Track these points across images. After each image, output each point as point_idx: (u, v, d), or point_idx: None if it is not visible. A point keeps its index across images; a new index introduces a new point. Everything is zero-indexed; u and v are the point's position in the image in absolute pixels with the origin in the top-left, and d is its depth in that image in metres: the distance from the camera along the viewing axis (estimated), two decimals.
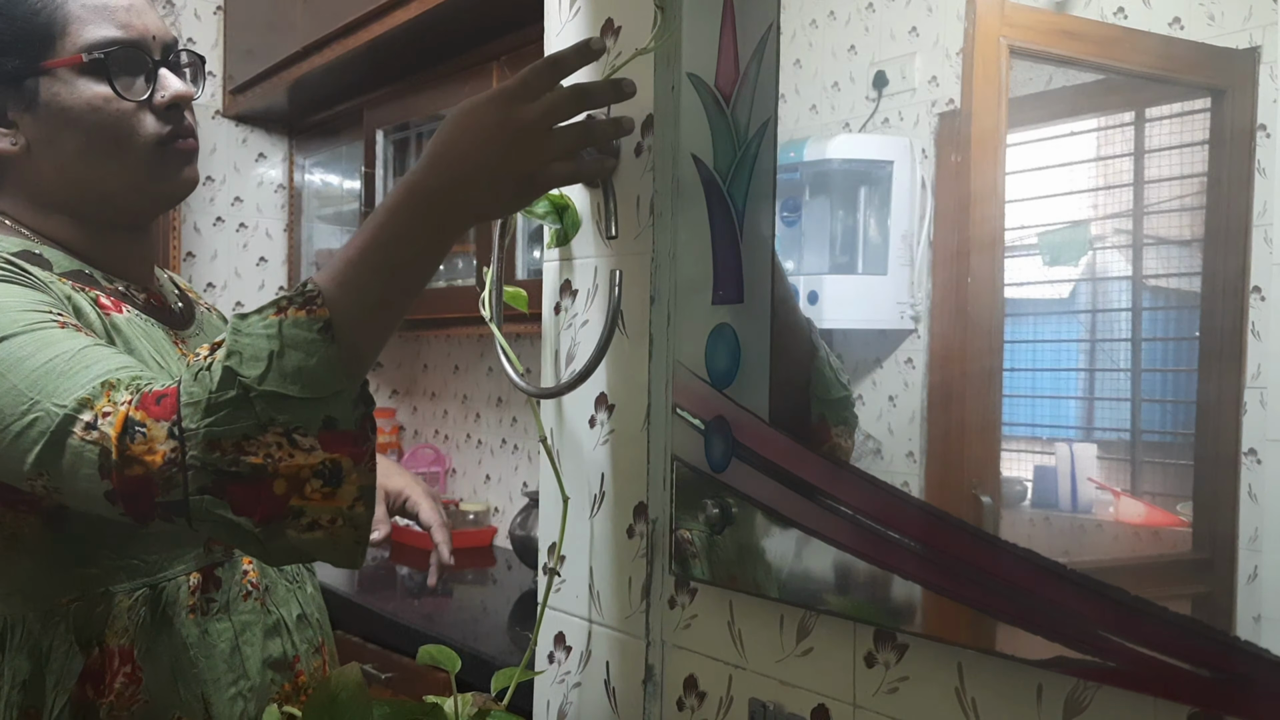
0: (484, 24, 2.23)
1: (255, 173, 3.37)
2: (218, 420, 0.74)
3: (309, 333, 0.75)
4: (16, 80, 0.95)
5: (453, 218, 0.80)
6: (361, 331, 0.78)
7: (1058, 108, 0.70)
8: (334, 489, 0.75)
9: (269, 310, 0.77)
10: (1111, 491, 0.67)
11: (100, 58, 0.94)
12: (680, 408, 0.94)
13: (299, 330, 0.75)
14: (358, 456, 0.76)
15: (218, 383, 0.74)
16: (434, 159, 0.80)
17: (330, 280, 0.78)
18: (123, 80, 0.96)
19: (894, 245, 0.81)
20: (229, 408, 0.74)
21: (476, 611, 2.22)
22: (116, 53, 0.95)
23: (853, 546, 0.79)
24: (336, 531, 0.76)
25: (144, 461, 0.75)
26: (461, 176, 0.79)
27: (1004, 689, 0.71)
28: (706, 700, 0.94)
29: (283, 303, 0.77)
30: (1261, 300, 0.58)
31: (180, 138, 0.99)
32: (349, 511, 0.76)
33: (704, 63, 0.92)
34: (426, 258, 0.81)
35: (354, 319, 0.78)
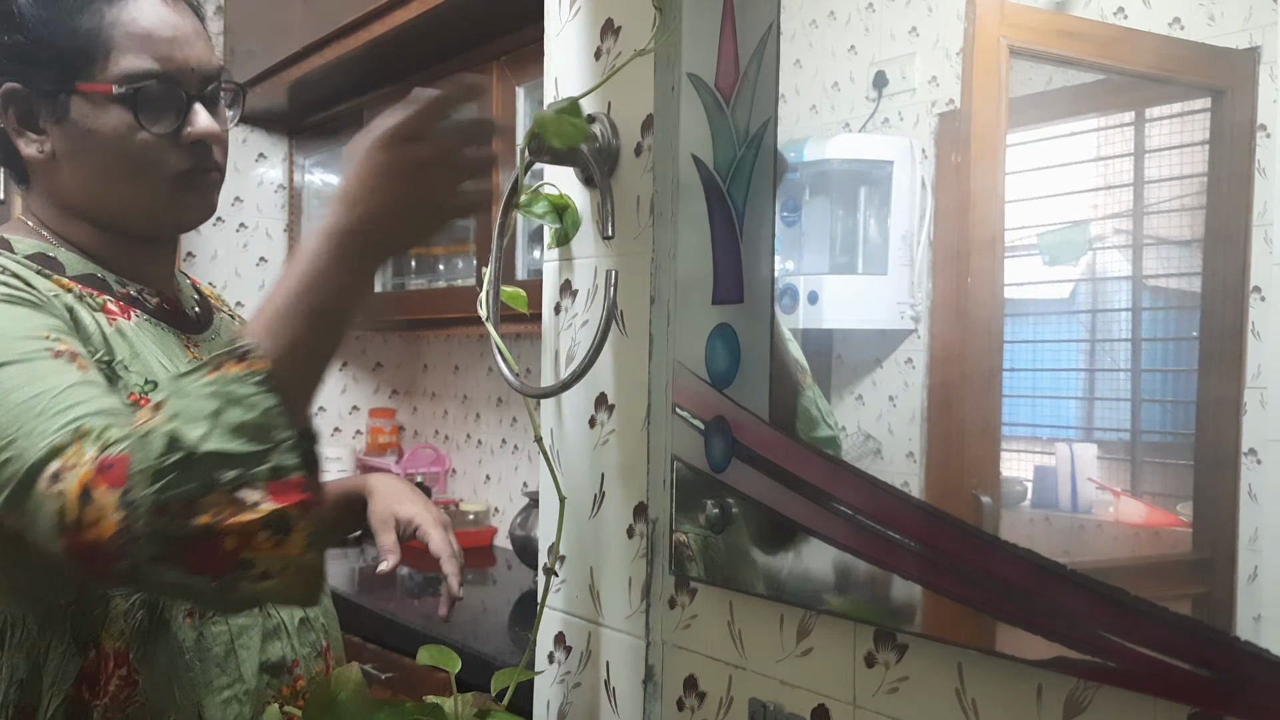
0: (484, 24, 2.23)
1: (255, 173, 3.37)
2: (164, 486, 0.74)
3: (248, 386, 0.76)
4: (51, 93, 0.95)
5: (369, 255, 0.82)
6: (298, 376, 0.80)
7: (1058, 108, 0.70)
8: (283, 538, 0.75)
9: (206, 369, 0.77)
10: (1112, 491, 0.67)
11: (130, 92, 0.94)
12: (680, 408, 0.94)
13: (237, 385, 0.76)
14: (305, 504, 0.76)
15: (162, 449, 0.74)
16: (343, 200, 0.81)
17: (262, 331, 0.79)
18: (151, 113, 0.95)
19: (894, 245, 0.81)
20: (174, 471, 0.74)
21: (476, 611, 2.21)
22: (149, 86, 0.95)
23: (853, 546, 0.79)
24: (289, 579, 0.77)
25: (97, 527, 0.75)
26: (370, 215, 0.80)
27: (1004, 689, 0.71)
28: (706, 700, 0.94)
29: (219, 359, 0.77)
30: (1261, 300, 0.58)
31: (202, 172, 0.99)
32: (299, 559, 0.77)
33: (704, 63, 0.92)
34: (349, 295, 0.82)
35: (289, 366, 0.79)
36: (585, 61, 1.06)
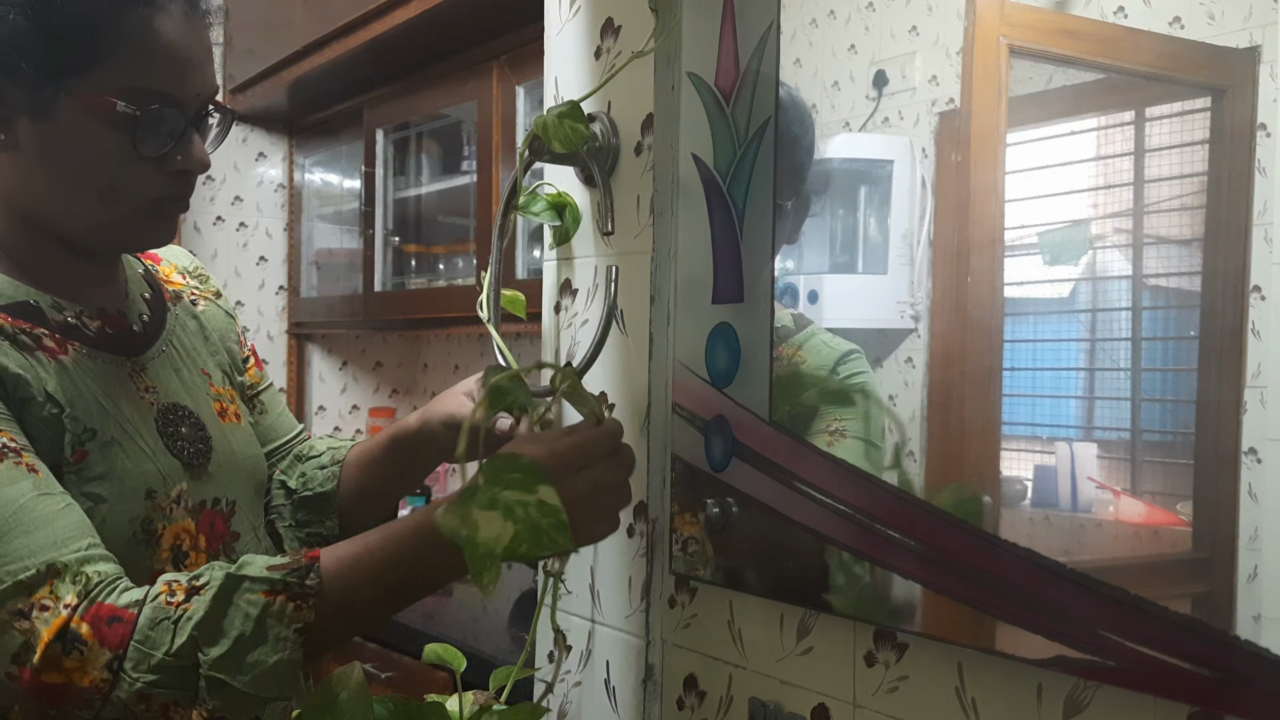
0: (484, 24, 2.24)
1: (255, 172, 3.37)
2: (159, 681, 0.73)
3: (286, 630, 0.74)
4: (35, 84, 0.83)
5: None
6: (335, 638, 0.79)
7: (1058, 107, 0.70)
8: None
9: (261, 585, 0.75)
10: (1112, 491, 0.67)
11: (134, 113, 0.85)
12: (680, 407, 0.94)
13: (277, 625, 0.74)
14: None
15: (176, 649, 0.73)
16: None
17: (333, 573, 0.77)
18: (146, 136, 0.86)
19: (894, 244, 0.81)
20: (175, 673, 0.73)
21: (476, 611, 2.22)
22: (152, 111, 0.85)
23: (853, 546, 0.79)
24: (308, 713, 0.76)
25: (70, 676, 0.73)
26: None
27: (1004, 688, 0.71)
28: (706, 699, 0.94)
29: (279, 584, 0.75)
30: (1261, 299, 0.58)
31: (176, 201, 0.92)
32: None
33: (704, 62, 0.92)
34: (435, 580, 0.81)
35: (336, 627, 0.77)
36: (585, 61, 1.06)
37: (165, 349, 0.99)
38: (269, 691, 0.75)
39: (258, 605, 0.75)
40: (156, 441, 0.92)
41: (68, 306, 0.91)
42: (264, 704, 0.75)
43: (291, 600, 0.75)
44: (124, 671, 0.73)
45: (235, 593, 0.75)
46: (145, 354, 0.97)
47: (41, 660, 0.73)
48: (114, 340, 0.94)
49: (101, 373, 0.90)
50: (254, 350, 1.17)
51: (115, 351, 0.93)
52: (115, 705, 0.73)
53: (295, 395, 3.45)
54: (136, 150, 0.86)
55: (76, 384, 0.87)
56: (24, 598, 0.74)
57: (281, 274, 3.40)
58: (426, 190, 2.81)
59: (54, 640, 0.73)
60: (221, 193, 3.35)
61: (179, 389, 0.98)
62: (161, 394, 0.96)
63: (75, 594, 0.74)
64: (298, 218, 3.39)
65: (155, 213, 0.91)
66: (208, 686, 0.73)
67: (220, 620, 0.74)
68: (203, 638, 0.74)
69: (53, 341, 0.88)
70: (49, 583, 0.74)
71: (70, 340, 0.89)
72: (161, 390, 0.96)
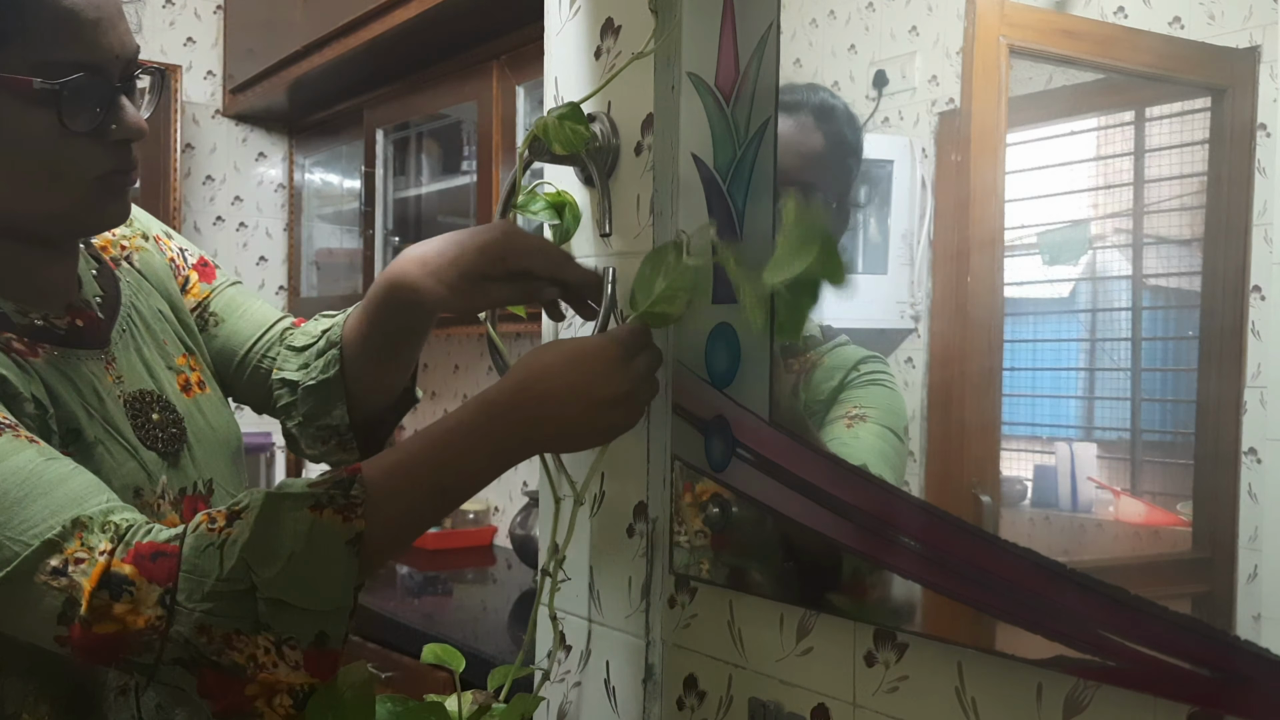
0: (484, 24, 2.24)
1: (255, 172, 3.37)
2: (216, 608, 0.71)
3: (337, 543, 0.73)
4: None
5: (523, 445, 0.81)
6: (390, 545, 0.77)
7: (1058, 107, 0.70)
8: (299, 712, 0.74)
9: (305, 502, 0.73)
10: (1112, 491, 0.67)
11: (55, 88, 0.80)
12: (680, 407, 0.94)
13: (328, 539, 0.72)
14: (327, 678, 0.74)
15: (229, 571, 0.71)
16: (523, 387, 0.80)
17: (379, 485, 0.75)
18: (73, 109, 0.82)
19: (894, 244, 0.81)
20: (231, 599, 0.71)
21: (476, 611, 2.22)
22: (75, 80, 0.81)
23: (853, 546, 0.79)
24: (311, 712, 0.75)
25: (122, 621, 0.71)
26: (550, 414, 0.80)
27: (1004, 688, 0.71)
28: (706, 700, 0.94)
29: (323, 498, 0.74)
30: (1261, 299, 0.58)
31: (122, 173, 0.88)
32: None
33: (704, 62, 0.92)
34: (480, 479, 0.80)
35: (387, 534, 0.76)
36: (585, 61, 1.06)
37: (125, 327, 0.96)
38: (330, 606, 0.73)
39: (305, 522, 0.72)
40: (133, 435, 0.90)
41: (33, 310, 0.88)
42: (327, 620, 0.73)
43: (339, 513, 0.73)
44: (179, 605, 0.70)
45: (280, 511, 0.73)
46: (111, 340, 0.94)
47: (89, 611, 0.70)
48: (85, 334, 0.91)
49: (78, 371, 0.88)
50: (200, 262, 1.10)
51: (88, 345, 0.91)
52: (175, 643, 0.71)
53: None
54: (66, 126, 0.82)
55: (54, 386, 0.85)
56: (56, 555, 0.71)
57: (281, 274, 3.40)
58: (426, 190, 2.81)
59: (98, 589, 0.70)
60: (221, 193, 3.34)
61: (142, 372, 0.95)
62: (128, 382, 0.93)
63: (109, 540, 0.72)
64: (298, 218, 3.39)
65: (104, 190, 0.87)
66: (268, 609, 0.71)
67: (270, 541, 0.72)
68: (254, 559, 0.71)
69: (22, 345, 0.85)
70: (78, 536, 0.72)
71: (40, 343, 0.87)
72: (127, 377, 0.93)
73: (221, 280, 1.10)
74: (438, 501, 0.80)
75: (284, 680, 0.72)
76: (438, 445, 0.79)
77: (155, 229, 1.08)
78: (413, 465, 0.78)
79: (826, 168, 0.86)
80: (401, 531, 0.78)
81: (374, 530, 0.74)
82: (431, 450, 0.79)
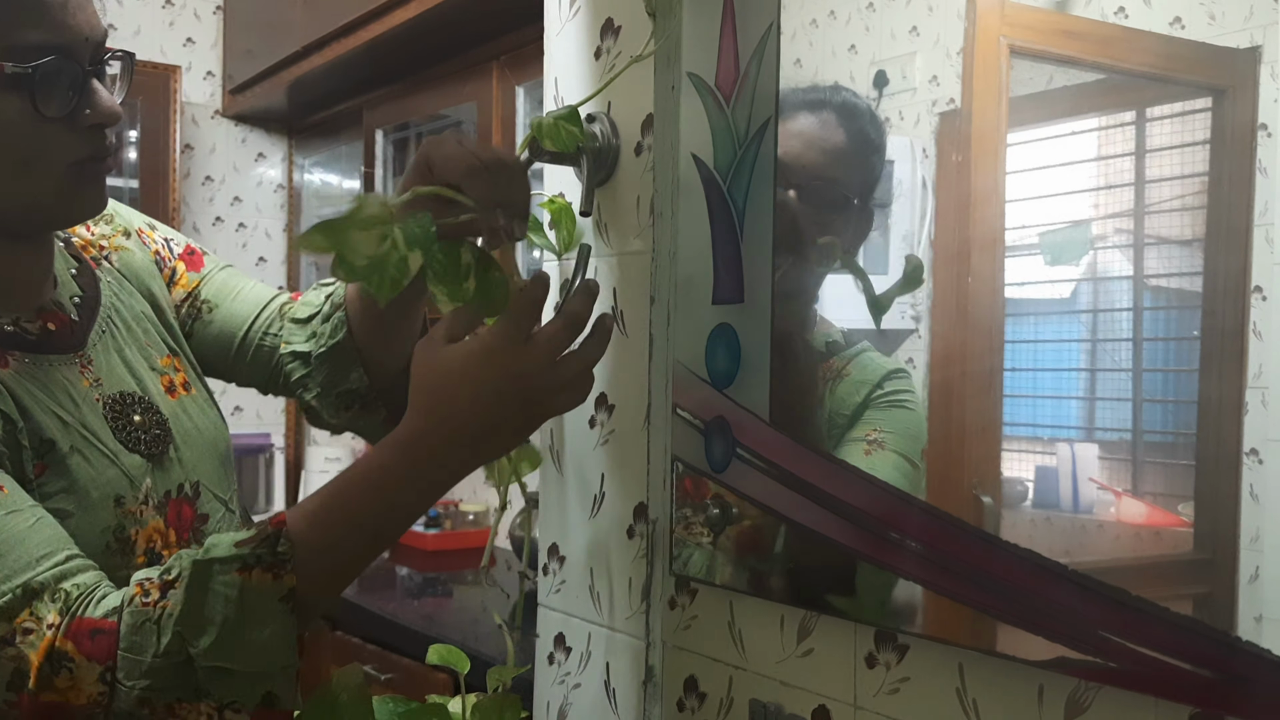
0: (484, 24, 2.24)
1: (254, 172, 3.37)
2: (155, 683, 0.71)
3: (270, 602, 0.72)
4: None
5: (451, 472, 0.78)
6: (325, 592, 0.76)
7: (1058, 107, 0.70)
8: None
9: (233, 565, 0.73)
10: (1113, 492, 0.67)
11: (26, 71, 0.79)
12: (680, 408, 0.94)
13: (260, 599, 0.72)
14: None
15: (165, 646, 0.71)
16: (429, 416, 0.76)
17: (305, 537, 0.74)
18: (45, 94, 0.80)
19: (895, 244, 0.81)
20: (169, 673, 0.71)
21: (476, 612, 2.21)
22: (45, 64, 0.79)
23: (853, 547, 0.79)
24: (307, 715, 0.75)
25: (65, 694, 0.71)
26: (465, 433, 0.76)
27: (1005, 690, 0.71)
28: (707, 701, 0.94)
29: (250, 559, 0.73)
30: (1263, 300, 0.58)
31: (98, 160, 0.86)
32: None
33: (704, 63, 0.92)
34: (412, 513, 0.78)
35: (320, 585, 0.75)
36: (585, 61, 1.05)
37: (106, 328, 0.94)
38: (272, 666, 0.73)
39: (235, 585, 0.72)
40: (113, 440, 0.88)
41: (3, 314, 0.86)
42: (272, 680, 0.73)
43: (268, 572, 0.73)
44: (119, 682, 0.72)
45: (209, 579, 0.73)
46: (88, 341, 0.91)
47: (37, 683, 0.71)
48: (58, 338, 0.89)
49: (50, 378, 0.86)
50: (187, 251, 1.08)
51: (61, 350, 0.89)
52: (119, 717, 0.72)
53: None
54: (40, 112, 0.80)
55: (23, 398, 0.83)
56: (5, 624, 0.72)
57: (281, 274, 3.39)
58: None
59: (43, 663, 0.71)
60: (220, 193, 3.34)
61: (124, 373, 0.93)
62: (106, 384, 0.91)
63: (56, 612, 0.73)
64: (297, 218, 3.38)
65: (79, 178, 0.85)
66: (207, 677, 0.72)
67: (202, 609, 0.72)
68: (188, 631, 0.72)
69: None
70: (28, 606, 0.72)
71: (9, 351, 0.85)
72: (106, 380, 0.91)
73: (211, 266, 1.08)
74: (369, 544, 0.78)
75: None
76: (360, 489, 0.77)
77: (137, 222, 1.06)
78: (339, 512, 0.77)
79: (849, 164, 0.85)
80: (334, 580, 0.78)
81: (305, 584, 0.74)
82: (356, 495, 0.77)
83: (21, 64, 0.79)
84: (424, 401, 0.77)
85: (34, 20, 0.79)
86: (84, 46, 0.83)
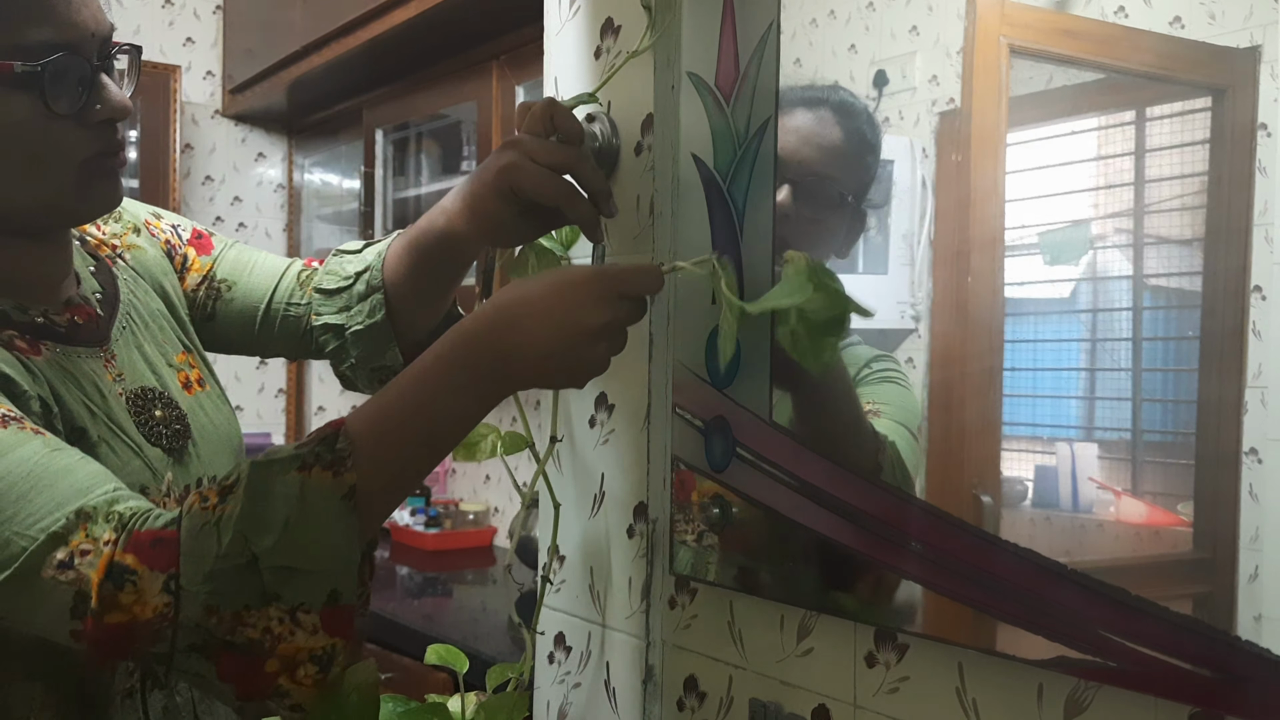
0: (484, 24, 2.24)
1: (254, 172, 3.37)
2: (219, 587, 0.69)
3: (331, 500, 0.71)
4: None
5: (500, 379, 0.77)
6: (384, 495, 0.75)
7: (1058, 107, 0.70)
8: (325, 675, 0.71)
9: (292, 465, 0.71)
10: (1112, 491, 0.67)
11: (35, 70, 0.79)
12: (680, 408, 0.94)
13: (320, 498, 0.71)
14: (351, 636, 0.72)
15: (226, 547, 0.69)
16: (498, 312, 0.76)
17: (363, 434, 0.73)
18: (55, 91, 0.80)
19: (894, 244, 0.81)
20: (233, 576, 0.69)
21: (476, 611, 2.22)
22: (54, 61, 0.79)
23: (853, 546, 0.79)
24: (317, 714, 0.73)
25: (130, 611, 0.69)
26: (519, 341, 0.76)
27: (1005, 689, 0.71)
28: (707, 700, 0.94)
29: (309, 458, 0.72)
30: (1262, 299, 0.58)
31: (109, 155, 0.86)
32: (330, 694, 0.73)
33: (704, 62, 0.92)
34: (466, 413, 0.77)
35: (380, 482, 0.73)
36: (585, 60, 1.05)
37: (126, 324, 0.95)
38: (336, 564, 0.71)
39: (295, 484, 0.70)
40: (137, 433, 0.89)
41: (32, 306, 0.87)
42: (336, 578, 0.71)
43: (327, 470, 0.71)
44: (183, 589, 0.69)
45: (269, 479, 0.71)
46: (111, 336, 0.93)
47: (99, 603, 0.69)
48: (85, 331, 0.90)
49: (79, 369, 0.87)
50: (194, 236, 1.09)
51: (89, 343, 0.90)
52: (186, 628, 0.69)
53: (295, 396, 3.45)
54: (51, 109, 0.81)
55: (57, 385, 0.84)
56: (62, 548, 0.70)
57: None
58: (426, 190, 2.81)
59: (104, 580, 0.69)
60: (221, 193, 3.34)
61: (144, 369, 0.94)
62: (128, 379, 0.92)
63: (113, 529, 0.71)
64: (297, 218, 3.39)
65: (92, 174, 0.86)
66: (273, 578, 0.69)
67: (263, 510, 0.70)
68: (250, 531, 0.69)
69: (25, 343, 0.84)
70: (82, 528, 0.71)
71: (43, 340, 0.86)
72: (128, 374, 0.92)
73: (221, 247, 1.09)
74: (427, 443, 0.77)
75: (304, 647, 0.70)
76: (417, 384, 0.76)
77: (144, 214, 1.07)
78: (396, 409, 0.76)
79: (845, 162, 0.86)
80: (395, 479, 0.76)
81: (366, 481, 0.72)
82: (413, 390, 0.76)
83: (30, 62, 0.79)
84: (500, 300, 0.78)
85: (40, 18, 0.80)
86: (91, 42, 0.83)
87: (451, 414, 0.77)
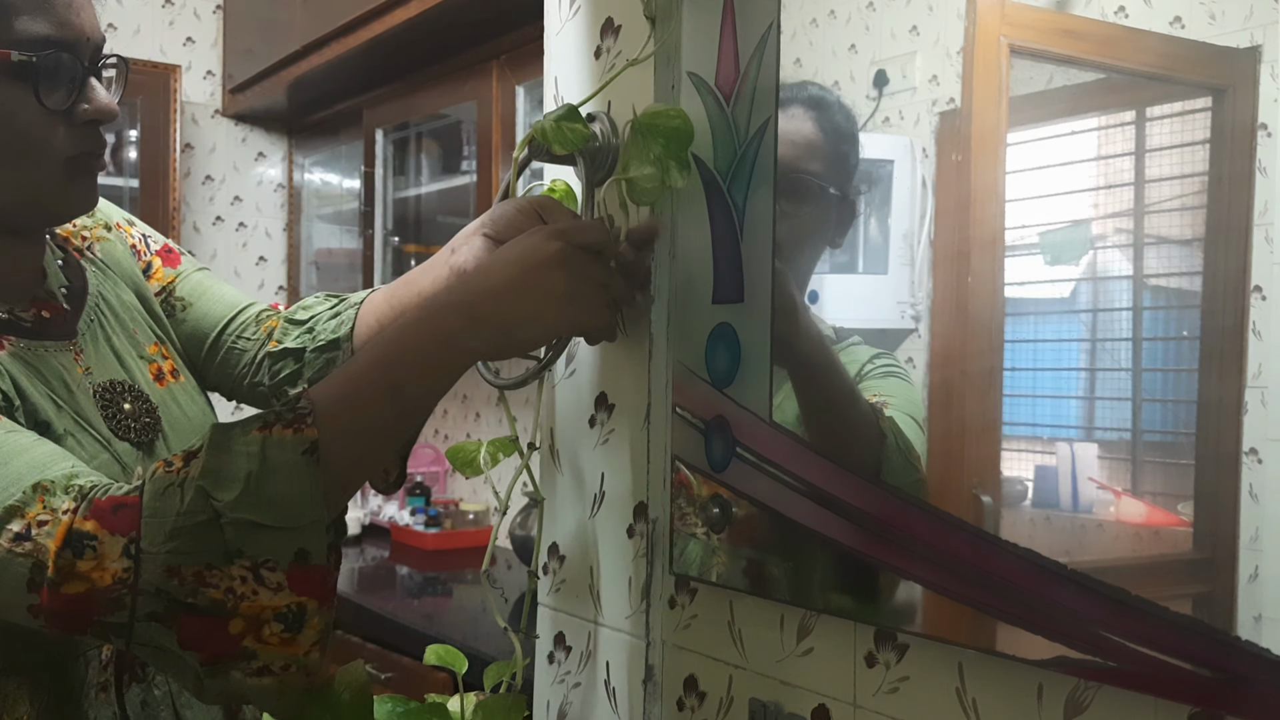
0: (484, 23, 2.24)
1: (254, 172, 3.37)
2: (181, 545, 0.68)
3: (292, 455, 0.70)
4: None
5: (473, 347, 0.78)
6: (349, 456, 0.74)
7: (1058, 107, 0.70)
8: (294, 634, 0.69)
9: (253, 425, 0.71)
10: (1112, 491, 0.67)
11: (31, 60, 0.81)
12: (680, 408, 0.94)
13: (282, 452, 0.70)
14: (323, 596, 0.70)
15: (188, 504, 0.68)
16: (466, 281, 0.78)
17: (326, 395, 0.73)
18: (48, 85, 0.82)
19: (894, 244, 0.81)
20: (196, 533, 0.68)
21: (476, 611, 2.22)
22: (49, 56, 0.81)
23: (853, 546, 0.79)
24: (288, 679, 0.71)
25: (88, 579, 0.68)
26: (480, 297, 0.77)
27: (1005, 689, 0.71)
28: (707, 700, 0.94)
29: (269, 418, 0.71)
30: (1262, 299, 0.58)
31: (93, 156, 0.88)
32: (304, 658, 0.71)
33: (704, 62, 0.92)
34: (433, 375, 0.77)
35: (344, 442, 0.73)
36: (585, 60, 1.05)
37: (94, 317, 0.95)
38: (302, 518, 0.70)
39: (256, 442, 0.70)
40: (105, 427, 0.89)
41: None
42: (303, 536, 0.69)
43: (288, 427, 0.71)
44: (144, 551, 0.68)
45: (230, 438, 0.71)
46: (78, 330, 0.93)
47: (56, 572, 0.68)
48: (53, 326, 0.90)
49: (46, 364, 0.87)
50: (163, 250, 1.09)
51: (55, 337, 0.90)
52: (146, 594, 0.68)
53: None
54: (41, 103, 0.82)
55: (20, 380, 0.83)
56: (18, 520, 0.70)
57: (281, 274, 3.40)
58: (426, 190, 2.81)
59: (62, 548, 0.68)
60: (221, 193, 3.35)
61: (112, 362, 0.94)
62: (97, 372, 0.92)
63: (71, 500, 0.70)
64: (297, 218, 3.39)
65: (73, 173, 0.87)
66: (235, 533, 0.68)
67: (224, 466, 0.69)
68: (211, 486, 0.69)
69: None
70: (39, 500, 0.70)
71: (5, 336, 0.86)
72: (96, 368, 0.92)
73: (188, 265, 1.10)
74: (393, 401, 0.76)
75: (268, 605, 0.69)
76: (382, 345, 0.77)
77: (116, 217, 1.07)
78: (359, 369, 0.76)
79: (822, 155, 0.86)
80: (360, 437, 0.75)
81: (328, 436, 0.71)
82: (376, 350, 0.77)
83: (27, 53, 0.81)
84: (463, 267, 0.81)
85: (40, 13, 0.82)
86: (85, 45, 0.85)
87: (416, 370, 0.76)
